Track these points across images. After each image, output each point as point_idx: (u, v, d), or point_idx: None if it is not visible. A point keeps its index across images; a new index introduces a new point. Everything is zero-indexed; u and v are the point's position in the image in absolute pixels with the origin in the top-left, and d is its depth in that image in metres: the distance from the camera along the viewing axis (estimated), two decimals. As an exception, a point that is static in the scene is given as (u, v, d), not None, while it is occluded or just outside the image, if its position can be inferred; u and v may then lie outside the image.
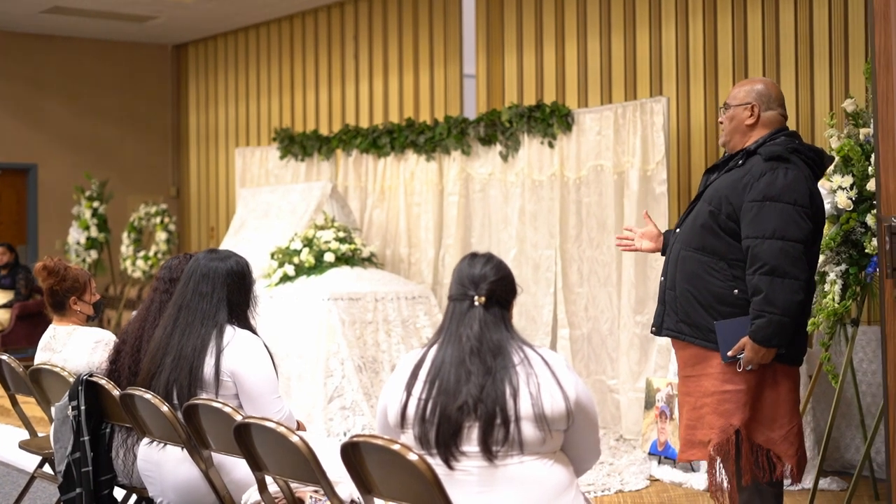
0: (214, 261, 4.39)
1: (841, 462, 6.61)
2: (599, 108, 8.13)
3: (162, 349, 4.31)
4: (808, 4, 7.29)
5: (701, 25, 7.89)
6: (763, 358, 4.28)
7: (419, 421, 3.27)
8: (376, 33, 10.59)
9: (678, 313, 4.48)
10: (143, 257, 12.26)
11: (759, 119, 4.50)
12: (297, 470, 3.54)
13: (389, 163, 9.68)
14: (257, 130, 12.16)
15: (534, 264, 8.43)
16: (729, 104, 4.58)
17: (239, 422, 3.69)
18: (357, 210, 9.89)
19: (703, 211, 4.45)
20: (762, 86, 4.55)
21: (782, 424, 4.40)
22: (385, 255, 9.62)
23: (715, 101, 7.78)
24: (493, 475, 3.22)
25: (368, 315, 8.18)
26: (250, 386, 4.23)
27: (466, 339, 3.28)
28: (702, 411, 4.42)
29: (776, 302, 4.22)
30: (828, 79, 7.19)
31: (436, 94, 10.00)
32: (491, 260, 3.42)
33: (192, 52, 13.29)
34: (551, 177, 8.32)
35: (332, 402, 7.84)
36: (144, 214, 12.43)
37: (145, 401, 4.17)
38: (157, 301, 4.66)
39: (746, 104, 4.52)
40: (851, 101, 5.64)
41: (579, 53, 8.71)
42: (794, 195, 4.27)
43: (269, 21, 11.94)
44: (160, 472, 4.29)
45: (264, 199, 10.01)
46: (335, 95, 11.08)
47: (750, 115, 4.50)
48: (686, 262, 4.45)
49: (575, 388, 3.29)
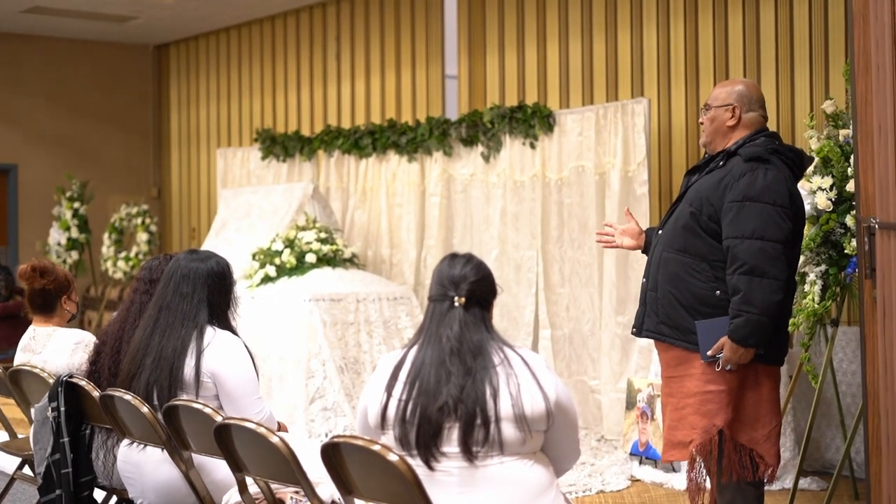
0: (195, 261, 4.39)
1: (821, 462, 6.63)
2: (581, 110, 8.14)
3: (142, 350, 4.30)
4: (789, 6, 7.32)
5: (682, 27, 7.91)
6: (741, 358, 4.29)
7: (399, 422, 3.27)
8: (358, 34, 10.59)
9: (659, 314, 4.49)
10: (124, 258, 12.22)
11: (741, 120, 4.52)
12: (278, 471, 3.54)
13: (371, 164, 9.68)
14: (239, 131, 12.13)
15: (515, 265, 8.44)
16: (710, 105, 4.59)
17: (219, 423, 3.68)
18: (339, 211, 9.88)
19: (684, 212, 4.46)
20: (743, 87, 4.57)
21: (764, 424, 4.41)
22: (367, 255, 9.61)
23: (696, 102, 7.80)
24: (474, 476, 3.22)
25: (350, 316, 8.18)
26: (231, 387, 4.23)
27: (447, 340, 3.28)
28: (684, 412, 4.43)
29: (754, 301, 4.23)
30: (808, 80, 7.22)
31: (417, 95, 10.00)
32: (471, 260, 3.42)
33: (174, 53, 13.26)
34: (533, 177, 8.33)
35: (314, 403, 7.83)
36: (125, 215, 12.39)
37: (125, 402, 4.16)
38: (138, 302, 4.65)
39: (727, 105, 4.53)
40: (831, 103, 5.66)
41: (561, 55, 8.72)
42: (774, 195, 4.29)
43: (250, 21, 11.92)
44: (140, 474, 4.28)
45: (246, 199, 9.99)
46: (317, 96, 11.07)
47: (731, 117, 4.52)
48: (668, 264, 4.46)
49: (555, 388, 3.29)
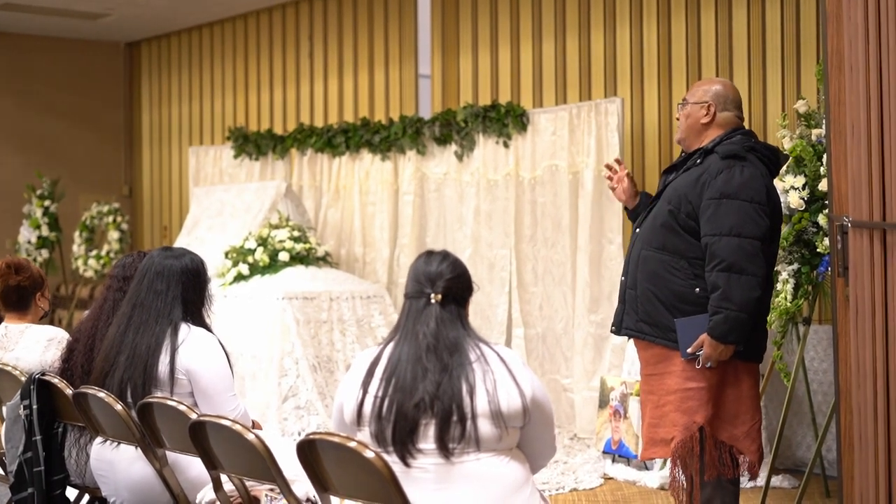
0: (169, 258, 4.37)
1: (793, 460, 6.67)
2: (554, 109, 8.16)
3: (116, 347, 4.27)
4: (761, 6, 7.35)
5: (655, 27, 7.94)
6: (721, 354, 4.31)
7: (375, 418, 3.26)
8: (331, 32, 10.57)
9: (638, 312, 4.51)
10: (95, 256, 12.15)
11: (715, 119, 4.55)
12: (253, 468, 3.53)
13: (344, 162, 9.67)
14: (211, 129, 12.09)
15: (489, 264, 8.44)
16: (687, 100, 4.62)
17: (194, 420, 3.67)
18: (312, 209, 9.87)
19: (662, 210, 4.48)
20: (721, 87, 4.60)
21: (745, 421, 4.44)
22: (340, 254, 9.60)
23: (669, 101, 7.83)
24: (450, 472, 3.22)
25: (323, 314, 8.16)
26: (205, 384, 4.21)
27: (423, 337, 3.28)
28: (665, 409, 4.45)
29: (733, 298, 4.26)
30: (780, 80, 7.26)
31: (391, 94, 10.00)
32: (447, 258, 3.42)
33: (145, 50, 13.19)
34: (506, 176, 8.34)
35: (287, 402, 7.82)
36: (96, 213, 12.31)
37: (99, 399, 4.13)
38: (111, 299, 4.62)
39: (703, 103, 4.56)
40: (803, 103, 5.70)
41: (534, 54, 8.73)
42: (751, 192, 4.32)
43: (223, 19, 11.87)
44: (113, 472, 4.26)
45: (218, 197, 9.95)
46: (290, 94, 11.04)
47: (706, 115, 4.55)
48: (647, 262, 4.48)
49: (531, 385, 3.30)
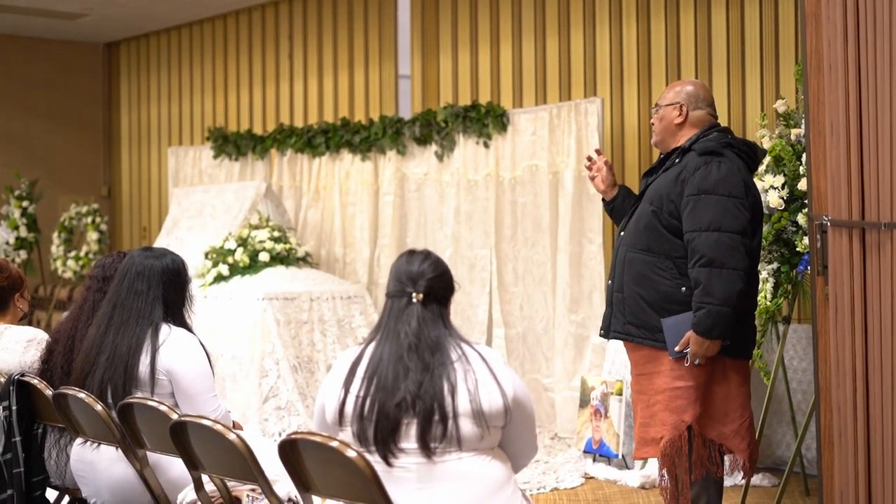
0: (150, 258, 4.36)
1: (772, 458, 6.70)
2: (534, 109, 8.17)
3: (96, 348, 4.26)
4: (740, 7, 7.38)
5: (634, 27, 7.95)
6: (708, 350, 4.33)
7: (357, 418, 3.26)
8: (311, 33, 10.55)
9: (626, 315, 4.52)
10: (73, 257, 12.10)
11: (688, 118, 4.59)
12: (235, 468, 3.52)
13: (324, 162, 9.66)
14: (190, 130, 12.06)
15: (469, 264, 8.45)
16: (659, 105, 4.67)
17: (175, 420, 3.66)
18: (292, 210, 9.85)
19: (645, 212, 4.50)
20: (691, 87, 4.65)
21: (734, 419, 4.45)
22: (320, 254, 9.59)
23: (648, 102, 7.85)
24: (432, 472, 3.22)
25: (303, 315, 8.15)
26: (186, 384, 4.20)
27: (405, 336, 3.28)
28: (654, 409, 4.46)
29: (714, 293, 4.27)
30: (759, 80, 7.29)
31: (371, 94, 9.99)
32: (429, 257, 3.42)
33: (124, 51, 13.15)
34: (486, 177, 8.35)
35: (268, 403, 7.80)
36: (75, 214, 12.27)
37: (79, 400, 4.12)
38: (91, 300, 4.60)
39: (675, 104, 4.61)
40: (782, 102, 5.72)
41: (514, 54, 8.74)
42: (729, 187, 4.34)
43: (202, 19, 11.84)
44: (94, 473, 4.24)
45: (198, 198, 9.93)
46: (269, 95, 11.02)
47: (678, 115, 4.59)
48: (633, 264, 4.49)
49: (512, 384, 3.30)
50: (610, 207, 4.89)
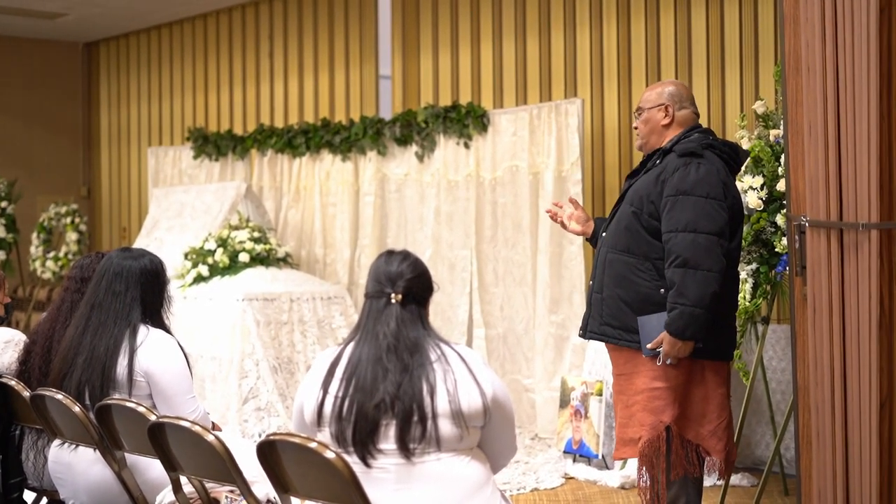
0: (128, 259, 4.34)
1: (752, 458, 6.71)
2: (515, 110, 8.17)
3: (74, 349, 4.24)
4: (719, 8, 7.40)
5: (615, 28, 7.97)
6: (680, 351, 4.32)
7: (336, 419, 3.25)
8: (291, 33, 10.53)
9: (603, 316, 4.52)
10: (52, 258, 12.05)
11: (674, 118, 4.59)
12: (213, 469, 3.51)
13: (304, 163, 9.64)
14: (170, 130, 12.02)
15: (449, 264, 8.45)
16: (642, 108, 4.65)
17: (153, 421, 3.65)
18: (272, 210, 9.83)
19: (625, 213, 4.50)
20: (672, 87, 4.65)
21: (711, 420, 4.46)
22: (300, 255, 9.57)
23: (629, 102, 7.86)
24: (411, 472, 3.21)
25: (283, 315, 8.14)
26: (164, 385, 4.19)
27: (383, 337, 3.28)
28: (633, 409, 4.46)
29: (687, 294, 4.27)
30: (738, 81, 7.31)
31: (351, 95, 9.98)
32: (408, 257, 3.42)
33: (104, 50, 13.10)
34: (467, 177, 8.35)
35: (247, 404, 7.78)
36: (54, 214, 12.22)
37: (56, 401, 4.10)
38: (69, 300, 4.58)
39: (660, 105, 4.60)
40: (762, 103, 5.74)
41: (494, 55, 8.75)
42: (707, 188, 4.34)
43: (182, 19, 11.80)
44: (72, 474, 4.22)
45: (177, 198, 9.90)
46: (250, 95, 11.00)
47: (665, 116, 4.58)
48: (613, 265, 4.49)
49: (492, 384, 3.30)
50: (594, 241, 4.85)
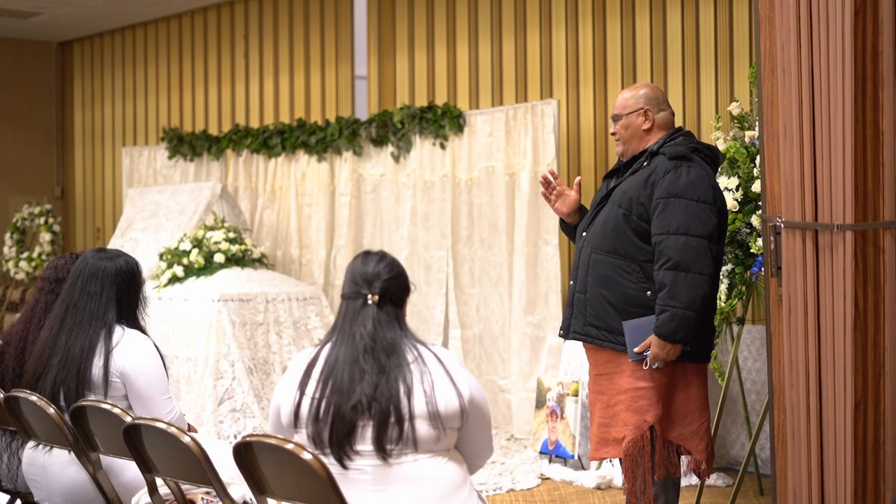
0: (103, 260, 4.32)
1: (727, 458, 6.74)
2: (491, 110, 8.18)
3: (48, 350, 4.22)
4: (695, 10, 7.43)
5: (590, 29, 7.98)
6: (669, 354, 4.32)
7: (312, 420, 3.25)
8: (267, 33, 10.51)
9: (586, 316, 4.51)
10: (26, 259, 11.99)
11: (655, 122, 4.59)
12: (189, 471, 3.50)
13: (280, 163, 9.62)
14: (145, 130, 11.97)
15: (425, 265, 8.45)
16: (619, 114, 4.64)
17: (129, 423, 3.63)
18: (247, 210, 9.81)
19: (613, 213, 4.49)
20: (648, 90, 4.65)
21: (692, 420, 4.47)
22: (276, 255, 9.55)
23: (605, 103, 7.88)
24: (388, 474, 3.21)
25: (259, 316, 8.12)
26: (140, 386, 4.17)
27: (360, 338, 3.27)
28: (616, 409, 4.46)
29: (679, 296, 4.27)
30: (713, 83, 7.33)
31: (327, 95, 9.96)
32: (384, 258, 3.42)
33: (78, 50, 13.04)
34: (443, 178, 8.35)
35: (223, 405, 7.76)
36: (28, 215, 12.15)
37: (31, 403, 4.07)
38: (43, 301, 4.56)
39: (639, 110, 4.60)
40: (737, 105, 5.76)
41: (471, 56, 8.75)
42: (698, 192, 4.36)
43: (156, 19, 11.76)
44: (46, 476, 4.20)
45: (152, 199, 9.86)
46: (225, 95, 10.96)
47: (645, 120, 4.59)
48: (598, 266, 4.48)
49: (468, 385, 3.30)
50: (569, 230, 4.86)
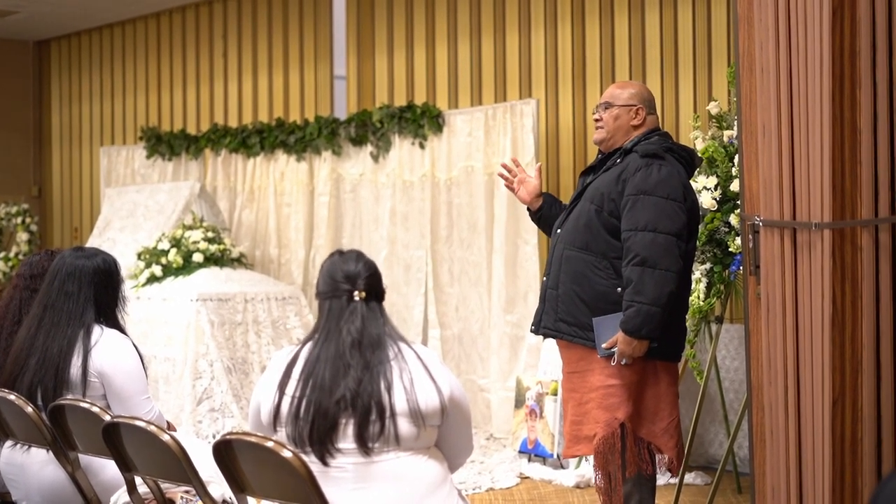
0: (81, 259, 4.30)
1: (705, 457, 6.76)
2: (470, 110, 8.18)
3: (26, 350, 4.20)
4: (673, 10, 7.44)
5: (569, 29, 8.00)
6: (635, 350, 4.34)
7: (292, 419, 3.24)
8: (245, 32, 10.48)
9: (557, 312, 4.53)
10: (3, 258, 11.93)
11: (644, 121, 4.62)
12: (168, 470, 3.49)
13: (259, 163, 9.60)
14: (123, 129, 11.92)
15: (405, 265, 8.44)
16: (612, 103, 4.64)
17: (108, 422, 3.62)
18: (226, 210, 9.78)
19: (585, 210, 4.52)
20: (644, 90, 4.71)
21: (663, 418, 4.49)
22: (254, 255, 9.53)
23: (583, 103, 7.89)
24: (368, 471, 3.21)
25: (238, 316, 8.10)
26: (119, 386, 4.16)
27: (347, 334, 3.27)
28: (587, 406, 4.48)
29: (645, 292, 4.29)
30: (692, 82, 7.36)
31: (306, 95, 9.95)
32: (361, 257, 3.44)
33: (55, 49, 12.97)
34: (422, 177, 8.35)
35: (201, 405, 7.74)
36: (5, 214, 12.09)
37: (8, 402, 4.06)
38: (17, 298, 4.54)
39: (632, 106, 4.62)
40: (715, 104, 5.78)
41: (450, 55, 8.75)
42: (668, 189, 4.38)
43: (135, 18, 11.71)
44: (24, 475, 4.18)
45: (130, 198, 9.82)
46: (203, 94, 10.93)
47: (636, 117, 4.61)
48: (570, 262, 4.50)
49: (449, 383, 3.31)
50: (537, 217, 4.90)
